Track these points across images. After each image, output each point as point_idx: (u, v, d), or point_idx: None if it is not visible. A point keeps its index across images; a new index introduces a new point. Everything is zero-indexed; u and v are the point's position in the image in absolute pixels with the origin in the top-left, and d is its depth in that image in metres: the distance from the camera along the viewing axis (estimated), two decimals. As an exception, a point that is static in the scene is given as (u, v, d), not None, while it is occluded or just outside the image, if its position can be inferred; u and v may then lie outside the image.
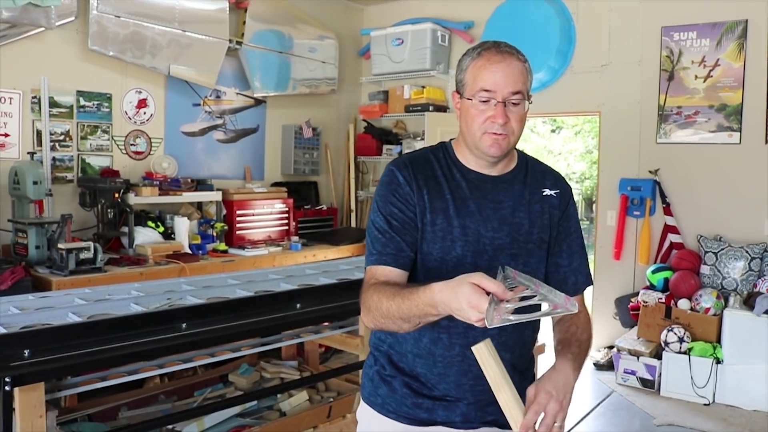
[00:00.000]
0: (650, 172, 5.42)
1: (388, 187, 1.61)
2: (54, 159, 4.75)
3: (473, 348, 1.35)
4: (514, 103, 1.53)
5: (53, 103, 4.74)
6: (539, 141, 21.28)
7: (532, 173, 1.69)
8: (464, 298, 1.22)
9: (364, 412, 1.73)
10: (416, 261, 1.59)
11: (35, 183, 4.22)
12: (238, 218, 5.58)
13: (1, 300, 2.95)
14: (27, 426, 2.29)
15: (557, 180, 1.72)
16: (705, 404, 4.64)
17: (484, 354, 1.33)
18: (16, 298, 2.99)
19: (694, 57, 5.24)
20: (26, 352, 2.25)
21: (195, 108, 5.72)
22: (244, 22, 5.85)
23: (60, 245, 4.08)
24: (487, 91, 1.52)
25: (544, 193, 1.67)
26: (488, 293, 1.21)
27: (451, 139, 1.73)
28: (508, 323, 1.20)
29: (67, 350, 2.34)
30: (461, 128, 1.62)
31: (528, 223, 1.62)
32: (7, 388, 2.14)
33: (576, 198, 21.59)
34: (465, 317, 1.23)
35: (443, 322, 1.51)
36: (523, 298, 1.28)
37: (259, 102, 6.24)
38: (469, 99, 1.55)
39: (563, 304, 1.24)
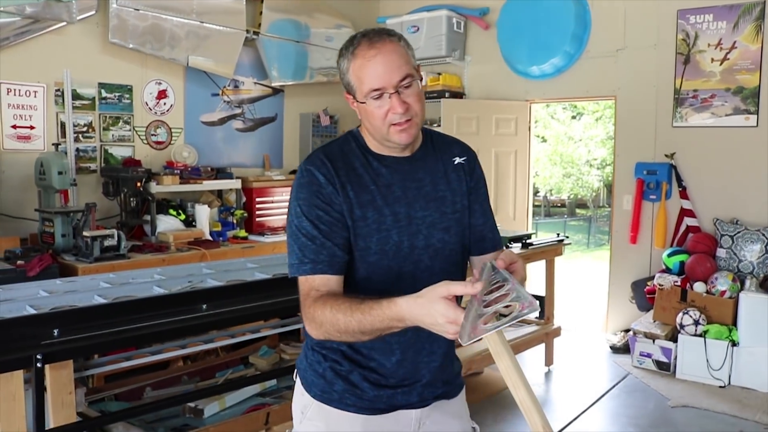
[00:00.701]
0: (666, 156, 5.43)
1: (310, 189, 1.56)
2: (78, 150, 4.88)
3: (485, 337, 1.33)
4: (406, 86, 1.52)
5: (76, 96, 4.86)
6: (559, 127, 21.25)
7: (440, 146, 1.71)
8: (439, 314, 1.26)
9: (317, 410, 1.66)
10: (353, 257, 1.57)
11: (60, 173, 4.34)
12: (257, 205, 5.70)
13: (31, 284, 3.09)
14: (58, 402, 2.41)
15: (463, 147, 1.76)
16: (720, 386, 4.66)
17: (496, 342, 1.34)
18: (45, 282, 3.11)
19: (711, 40, 5.22)
20: (55, 331, 2.36)
21: (214, 98, 5.83)
22: (261, 13, 5.93)
23: (85, 233, 4.20)
24: (376, 89, 1.50)
25: (455, 162, 1.70)
26: (459, 298, 1.26)
27: (357, 128, 1.69)
28: (484, 334, 1.25)
29: (93, 330, 2.44)
30: (366, 126, 1.61)
31: (450, 195, 1.66)
32: (38, 365, 2.25)
33: (597, 185, 21.52)
34: (442, 331, 1.28)
35: None
36: (496, 298, 1.32)
37: (276, 91, 6.33)
38: (362, 102, 1.54)
39: (530, 301, 1.29)
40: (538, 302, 1.27)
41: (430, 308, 1.27)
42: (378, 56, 1.50)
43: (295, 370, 1.77)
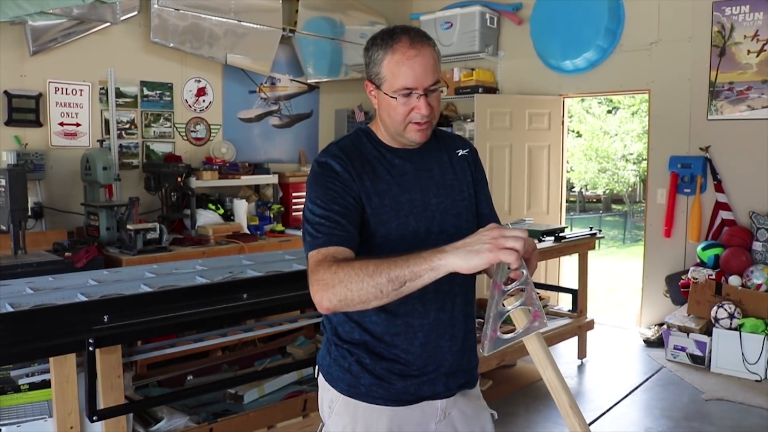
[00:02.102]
0: (701, 149, 5.40)
1: (326, 177, 1.60)
2: (121, 146, 5.05)
3: (524, 339, 1.40)
4: (432, 91, 1.59)
5: (119, 94, 5.03)
6: (595, 122, 21.04)
7: (443, 139, 1.79)
8: (482, 233, 1.31)
9: (344, 405, 1.69)
10: (374, 246, 1.60)
11: (105, 169, 4.51)
12: (293, 200, 5.83)
13: (80, 274, 3.25)
14: (107, 384, 2.55)
15: (464, 141, 1.85)
16: (756, 380, 4.64)
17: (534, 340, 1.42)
18: (93, 272, 3.27)
19: (747, 31, 5.18)
20: (105, 317, 2.49)
21: (251, 95, 5.97)
22: (297, 11, 6.06)
23: (128, 226, 4.37)
24: (408, 88, 1.56)
25: (459, 154, 1.78)
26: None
27: (366, 124, 1.76)
28: (503, 346, 1.33)
29: (140, 316, 2.57)
30: (382, 118, 1.65)
31: (458, 183, 1.74)
32: (90, 348, 2.38)
33: (633, 180, 21.23)
34: (483, 247, 1.28)
35: (414, 293, 1.41)
36: (515, 290, 1.37)
37: (312, 88, 6.44)
38: (391, 96, 1.58)
39: (541, 312, 1.39)
40: (545, 319, 1.37)
41: (473, 237, 1.32)
42: (417, 57, 1.55)
43: (317, 367, 1.80)
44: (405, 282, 1.33)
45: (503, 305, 1.36)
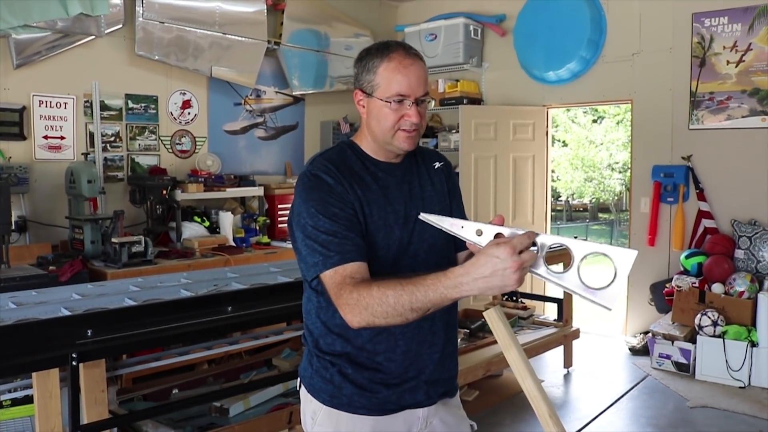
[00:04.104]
0: (683, 158, 5.46)
1: (320, 190, 1.62)
2: (105, 159, 5.04)
3: (484, 313, 1.49)
4: (422, 101, 1.67)
5: (104, 107, 5.03)
6: (580, 131, 21.19)
7: (421, 154, 1.85)
8: (494, 256, 1.31)
9: (327, 415, 1.71)
10: None
11: (89, 182, 4.49)
12: (279, 212, 5.83)
13: (64, 288, 3.23)
14: (91, 399, 2.54)
15: (438, 155, 1.92)
16: (740, 387, 4.68)
17: (495, 318, 1.47)
18: (77, 286, 3.26)
19: (726, 42, 5.25)
20: (89, 331, 2.49)
21: (236, 107, 5.98)
22: (282, 23, 6.08)
23: (113, 240, 4.35)
24: (402, 95, 1.63)
25: (436, 167, 1.86)
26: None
27: (349, 137, 1.82)
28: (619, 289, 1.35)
29: (125, 330, 2.57)
30: (370, 126, 1.70)
31: (436, 195, 1.81)
32: (74, 363, 2.37)
33: (619, 188, 21.37)
34: (506, 272, 1.31)
35: None
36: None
37: (297, 100, 6.46)
38: (385, 101, 1.64)
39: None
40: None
41: (487, 257, 1.32)
42: (413, 67, 1.64)
43: (299, 379, 1.82)
44: (428, 310, 1.42)
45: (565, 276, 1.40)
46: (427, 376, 1.74)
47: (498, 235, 1.42)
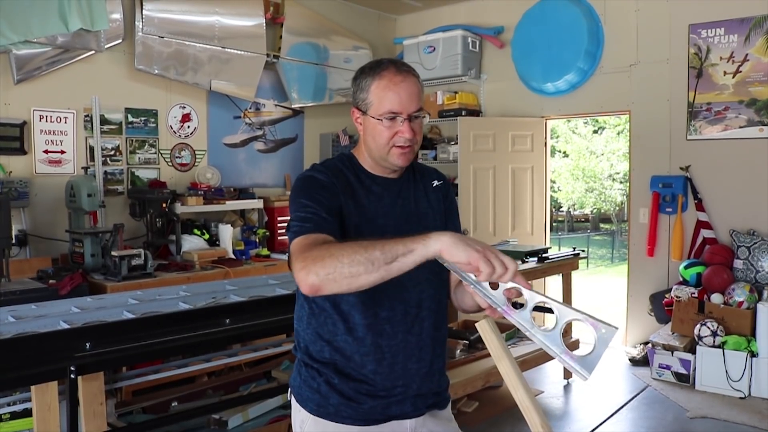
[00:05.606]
0: (681, 168, 5.48)
1: (313, 184, 1.66)
2: (106, 173, 5.07)
3: (477, 324, 1.50)
4: (416, 117, 1.68)
5: (104, 121, 5.05)
6: (581, 142, 21.24)
7: (420, 171, 1.87)
8: (477, 242, 1.35)
9: (314, 425, 1.72)
10: None
11: (89, 195, 4.51)
12: (279, 224, 5.84)
13: (63, 301, 3.24)
14: (89, 412, 2.54)
15: (438, 173, 1.93)
16: (741, 398, 4.67)
17: (487, 329, 1.48)
18: (76, 299, 3.27)
19: (723, 53, 5.28)
20: (87, 344, 2.50)
21: (236, 120, 6.01)
22: (281, 37, 6.12)
23: (113, 253, 4.37)
24: (394, 112, 1.65)
25: (434, 185, 1.87)
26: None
27: (350, 150, 1.84)
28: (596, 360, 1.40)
29: (123, 343, 2.58)
30: (366, 143, 1.73)
31: (431, 212, 1.83)
32: (72, 376, 2.38)
33: (620, 199, 21.40)
34: (470, 252, 1.32)
35: (383, 314, 1.66)
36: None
37: (297, 112, 6.49)
38: (377, 119, 1.66)
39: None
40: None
41: (468, 238, 1.36)
42: (403, 84, 1.66)
43: (289, 389, 1.83)
44: (397, 256, 1.35)
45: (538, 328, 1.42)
46: (414, 390, 1.74)
47: (510, 290, 1.41)
